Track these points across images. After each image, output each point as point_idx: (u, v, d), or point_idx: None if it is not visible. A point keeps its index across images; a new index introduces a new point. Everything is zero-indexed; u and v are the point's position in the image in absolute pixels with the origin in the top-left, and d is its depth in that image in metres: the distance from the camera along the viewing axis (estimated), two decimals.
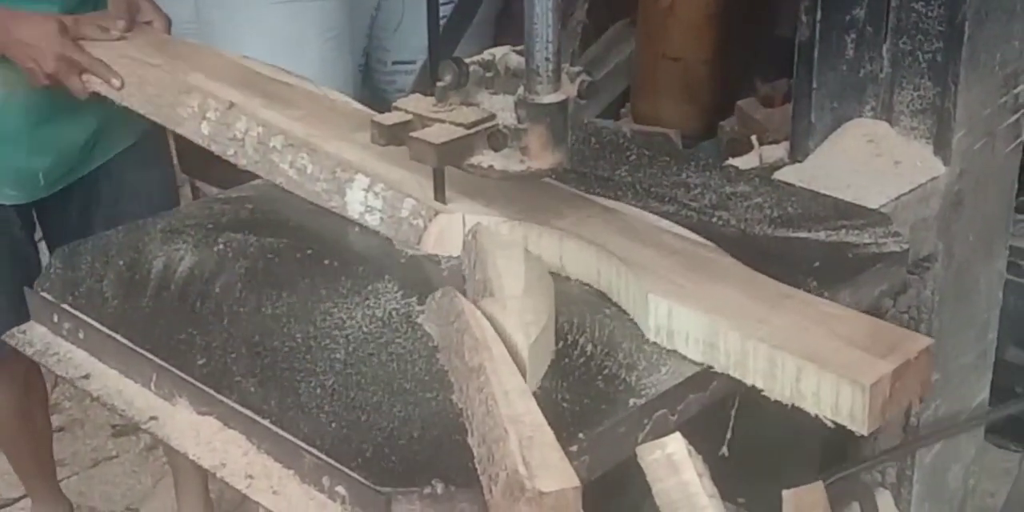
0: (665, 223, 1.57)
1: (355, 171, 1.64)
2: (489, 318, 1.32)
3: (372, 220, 1.62)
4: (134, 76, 2.00)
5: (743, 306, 1.36)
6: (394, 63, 4.14)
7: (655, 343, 1.39)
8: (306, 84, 1.94)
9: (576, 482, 1.12)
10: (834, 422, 1.27)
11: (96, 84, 2.03)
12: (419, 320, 1.44)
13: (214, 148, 1.82)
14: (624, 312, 1.44)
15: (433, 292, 1.45)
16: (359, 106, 1.86)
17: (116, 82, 2.01)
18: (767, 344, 1.30)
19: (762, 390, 1.32)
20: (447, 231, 1.55)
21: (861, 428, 1.25)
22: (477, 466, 1.20)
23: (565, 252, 1.52)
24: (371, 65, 4.14)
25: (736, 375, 1.33)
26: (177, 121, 1.88)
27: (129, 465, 3.20)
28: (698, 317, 1.35)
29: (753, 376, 1.32)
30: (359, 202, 1.63)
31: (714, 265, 1.46)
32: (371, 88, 4.09)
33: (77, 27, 2.09)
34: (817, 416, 1.28)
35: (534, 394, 1.25)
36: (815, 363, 1.26)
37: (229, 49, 3.17)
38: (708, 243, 1.52)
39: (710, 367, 1.35)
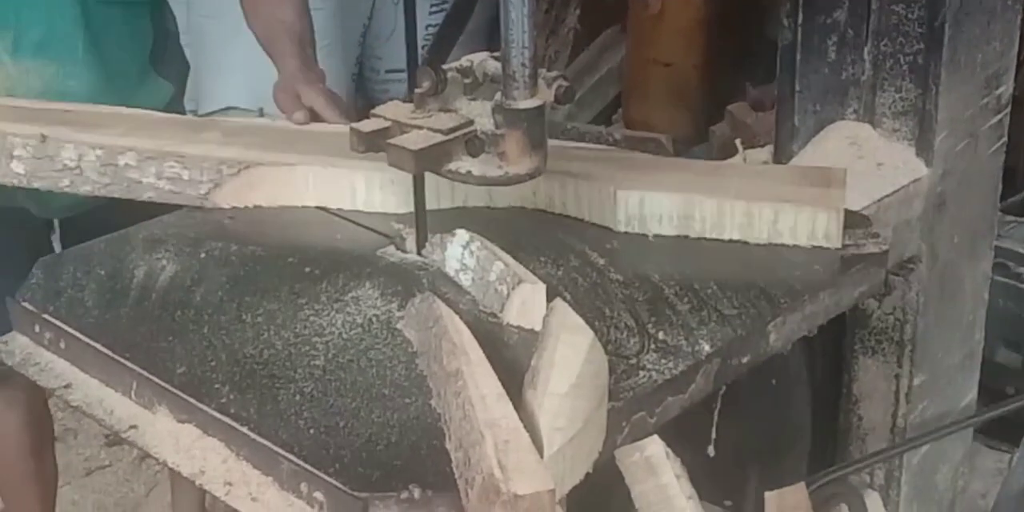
0: (558, 142, 1.75)
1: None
2: (529, 415, 1.22)
3: (465, 280, 1.52)
4: None
5: (696, 180, 1.66)
6: (387, 71, 4.14)
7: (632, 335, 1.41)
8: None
9: (551, 485, 1.12)
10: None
11: None
12: (399, 326, 1.44)
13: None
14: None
15: (413, 298, 1.45)
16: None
17: None
18: (744, 200, 1.60)
19: (739, 240, 1.61)
20: (529, 303, 1.43)
21: (835, 242, 1.59)
22: (454, 470, 1.20)
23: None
24: (364, 74, 4.14)
25: (712, 235, 1.61)
26: None
27: (122, 474, 3.21)
28: (672, 197, 1.61)
29: (730, 231, 1.61)
30: (456, 259, 1.53)
31: (647, 161, 1.81)
32: (364, 97, 4.10)
33: None
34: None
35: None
36: (790, 203, 1.60)
37: (221, 59, 3.20)
38: (616, 149, 1.84)
39: (685, 236, 1.61)
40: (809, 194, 1.63)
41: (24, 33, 2.12)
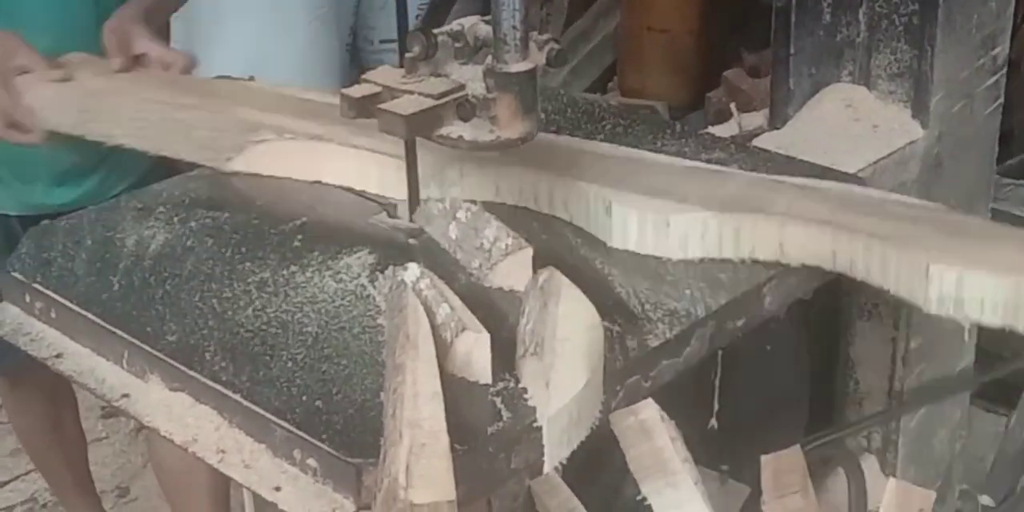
0: (876, 192, 1.46)
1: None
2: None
3: None
4: (171, 122, 1.76)
5: None
6: (381, 41, 4.12)
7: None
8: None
9: (452, 495, 1.08)
10: None
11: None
12: (377, 301, 1.39)
13: None
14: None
15: (391, 283, 1.39)
16: None
17: (33, 137, 1.83)
18: None
19: None
20: (474, 354, 1.27)
21: None
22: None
23: (787, 238, 1.44)
24: (358, 44, 4.11)
25: None
26: None
27: (119, 445, 3.23)
28: (997, 281, 1.29)
29: None
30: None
31: (969, 226, 1.41)
32: (358, 67, 4.08)
33: (10, 59, 1.83)
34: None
35: None
36: None
37: (216, 32, 3.19)
38: (936, 205, 1.45)
39: (1011, 330, 1.31)
40: None
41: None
